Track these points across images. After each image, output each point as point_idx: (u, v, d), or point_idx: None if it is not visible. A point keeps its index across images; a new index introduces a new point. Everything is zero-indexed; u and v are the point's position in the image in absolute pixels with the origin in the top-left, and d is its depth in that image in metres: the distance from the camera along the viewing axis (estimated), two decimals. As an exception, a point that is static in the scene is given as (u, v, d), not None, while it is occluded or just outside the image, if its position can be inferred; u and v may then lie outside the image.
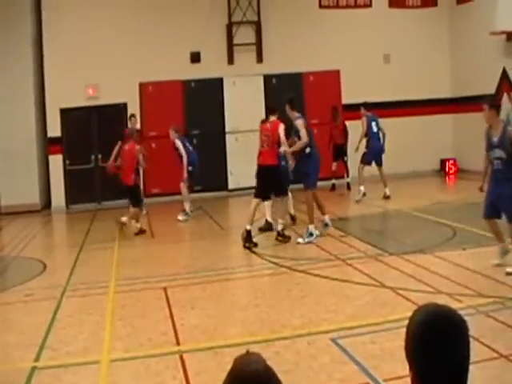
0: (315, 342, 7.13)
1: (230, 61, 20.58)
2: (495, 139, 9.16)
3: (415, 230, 13.20)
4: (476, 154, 20.82)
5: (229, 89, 20.61)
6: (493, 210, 9.39)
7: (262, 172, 12.62)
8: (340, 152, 18.94)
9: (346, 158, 19.01)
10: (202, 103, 19.94)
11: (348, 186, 18.86)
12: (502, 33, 19.01)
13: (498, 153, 9.12)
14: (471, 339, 2.26)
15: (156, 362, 6.83)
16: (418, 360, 2.24)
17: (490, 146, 9.29)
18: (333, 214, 14.95)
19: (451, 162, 21.64)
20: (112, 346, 7.44)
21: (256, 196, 12.58)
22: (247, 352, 2.32)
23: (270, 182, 12.50)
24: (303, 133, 12.18)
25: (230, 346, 6.98)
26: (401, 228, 13.39)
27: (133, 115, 17.42)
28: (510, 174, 9.06)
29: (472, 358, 2.24)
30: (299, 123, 12.33)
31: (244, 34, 20.59)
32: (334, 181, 19.13)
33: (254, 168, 12.77)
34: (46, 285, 10.57)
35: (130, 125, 16.95)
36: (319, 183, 13.03)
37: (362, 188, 16.38)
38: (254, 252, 11.85)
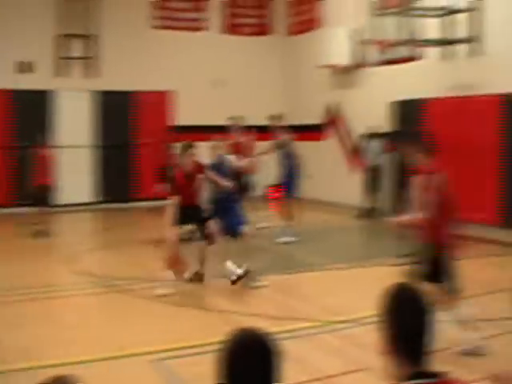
0: (142, 362, 7.22)
1: (60, 73, 20.17)
2: None
3: (241, 254, 13.48)
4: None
5: (57, 102, 20.14)
6: None
7: None
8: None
9: None
10: (29, 116, 19.35)
11: None
12: (330, 66, 19.95)
13: None
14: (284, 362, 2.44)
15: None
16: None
17: None
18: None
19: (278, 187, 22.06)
20: None
21: None
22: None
23: None
24: None
25: (55, 366, 6.85)
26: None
27: None
28: None
29: (292, 380, 2.43)
30: None
31: (76, 48, 20.33)
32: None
33: (80, 183, 12.68)
34: None
35: None
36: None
37: None
38: (85, 271, 11.72)
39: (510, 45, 14.41)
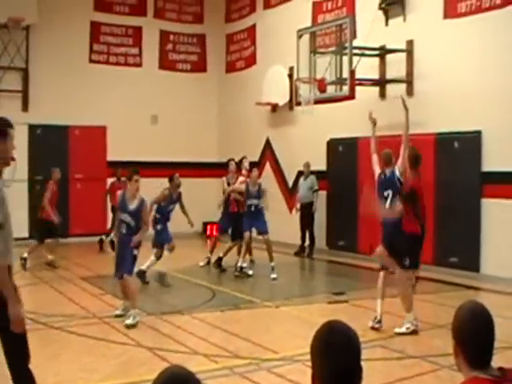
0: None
1: (-9, 106, 19.84)
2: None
3: (175, 290, 13.32)
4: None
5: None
6: None
7: None
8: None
9: None
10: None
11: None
12: (267, 104, 20.05)
13: None
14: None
15: None
16: None
17: None
18: (94, 272, 14.85)
19: (213, 225, 21.99)
20: None
21: None
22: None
23: None
24: None
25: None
26: (161, 288, 13.43)
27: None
28: None
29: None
30: None
31: (10, 81, 20.01)
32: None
33: (17, 218, 12.29)
34: None
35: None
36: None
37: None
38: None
39: (436, 86, 14.76)
